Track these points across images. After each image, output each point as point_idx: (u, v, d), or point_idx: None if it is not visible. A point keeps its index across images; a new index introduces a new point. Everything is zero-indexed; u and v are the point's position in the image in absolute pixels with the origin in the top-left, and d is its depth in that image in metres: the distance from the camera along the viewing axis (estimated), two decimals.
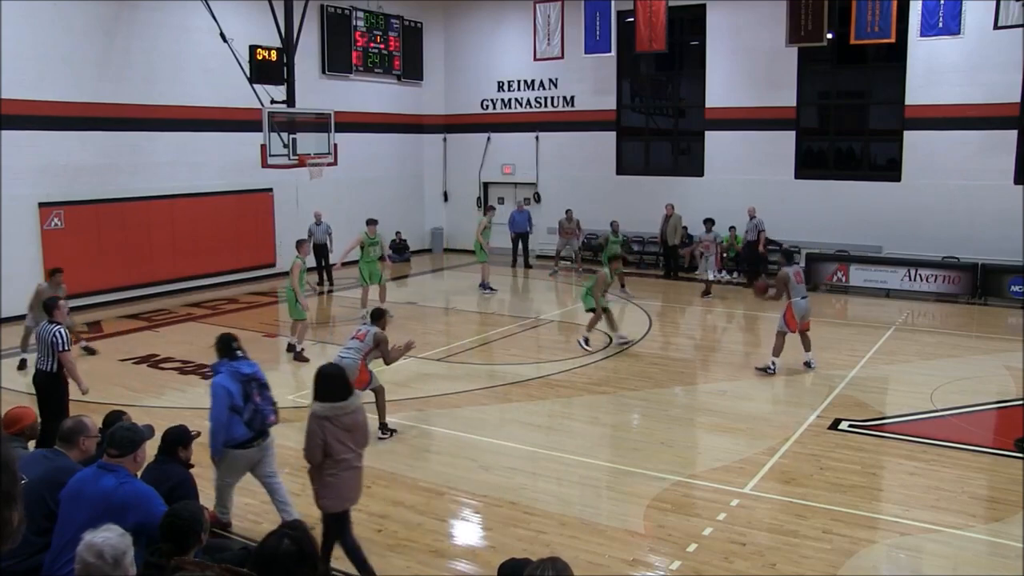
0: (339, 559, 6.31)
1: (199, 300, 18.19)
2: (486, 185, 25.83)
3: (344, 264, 16.92)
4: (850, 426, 9.96)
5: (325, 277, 19.89)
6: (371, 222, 16.30)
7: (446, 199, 26.37)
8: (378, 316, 9.91)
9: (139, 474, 5.68)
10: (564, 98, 23.96)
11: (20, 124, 15.90)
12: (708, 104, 21.75)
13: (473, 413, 10.78)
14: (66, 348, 8.86)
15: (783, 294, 12.34)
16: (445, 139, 26.21)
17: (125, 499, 4.86)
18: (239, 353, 7.18)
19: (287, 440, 9.73)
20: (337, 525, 6.20)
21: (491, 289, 18.89)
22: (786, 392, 11.77)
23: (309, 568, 2.90)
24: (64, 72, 16.56)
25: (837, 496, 7.96)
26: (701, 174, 22.03)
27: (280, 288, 15.57)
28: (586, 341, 13.66)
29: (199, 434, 6.40)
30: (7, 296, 15.15)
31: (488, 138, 25.27)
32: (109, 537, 3.84)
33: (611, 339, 14.08)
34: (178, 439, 6.12)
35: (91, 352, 13.68)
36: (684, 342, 15.26)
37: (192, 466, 6.16)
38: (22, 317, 13.00)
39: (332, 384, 6.19)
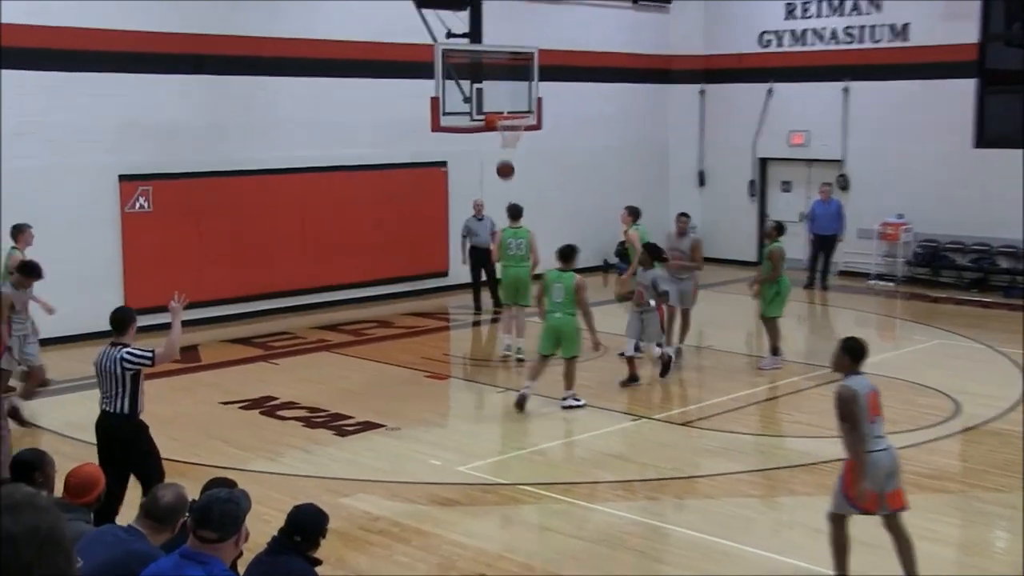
0: None
1: (336, 321, 18.85)
2: (763, 162, 25.63)
3: None
4: None
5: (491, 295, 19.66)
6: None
7: (702, 182, 26.36)
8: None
9: (238, 565, 5.87)
10: (891, 27, 23.41)
11: (94, 63, 16.78)
12: None
13: (733, 508, 10.61)
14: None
15: None
16: (703, 92, 26.24)
17: None
18: None
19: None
20: None
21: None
22: None
23: None
24: None
25: None
26: None
27: None
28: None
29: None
30: (74, 308, 15.26)
31: (769, 90, 25.06)
32: None
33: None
34: (311, 526, 6.19)
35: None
36: None
37: (319, 562, 6.27)
38: (99, 335, 11.83)
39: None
